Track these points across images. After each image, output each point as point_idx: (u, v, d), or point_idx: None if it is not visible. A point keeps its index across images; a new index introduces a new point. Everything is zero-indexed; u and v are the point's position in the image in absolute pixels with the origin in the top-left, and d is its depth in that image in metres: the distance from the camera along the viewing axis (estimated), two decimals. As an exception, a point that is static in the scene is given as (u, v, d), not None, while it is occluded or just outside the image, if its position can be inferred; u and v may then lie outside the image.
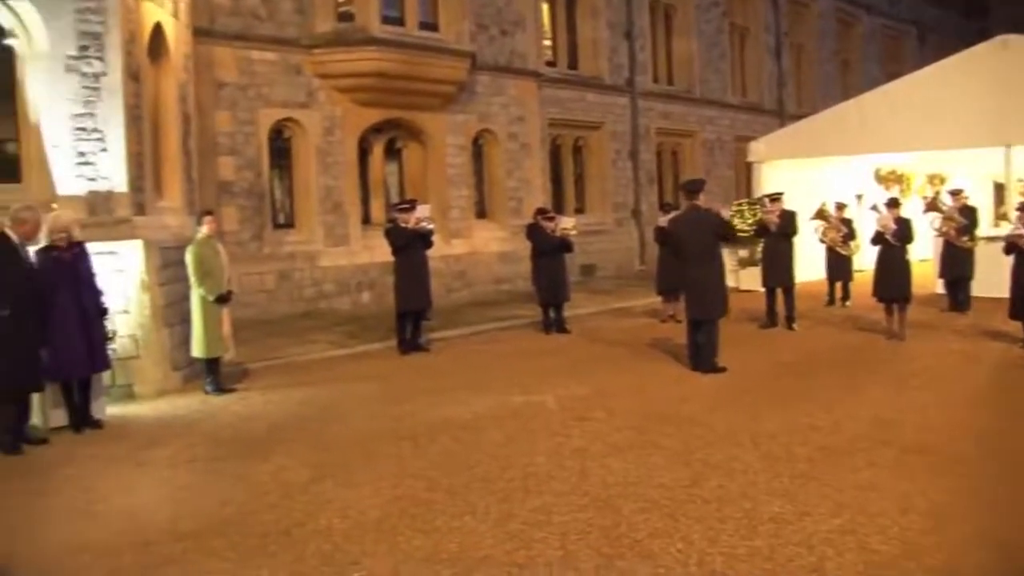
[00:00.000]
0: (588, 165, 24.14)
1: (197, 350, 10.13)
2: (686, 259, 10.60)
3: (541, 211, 14.62)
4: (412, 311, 12.64)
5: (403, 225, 12.44)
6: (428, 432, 8.10)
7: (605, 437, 7.72)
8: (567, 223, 14.31)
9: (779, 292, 13.69)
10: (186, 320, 10.41)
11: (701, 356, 10.39)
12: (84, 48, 10.04)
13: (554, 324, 13.99)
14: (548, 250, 13.83)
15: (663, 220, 14.21)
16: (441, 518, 5.87)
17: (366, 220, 18.51)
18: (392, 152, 19.60)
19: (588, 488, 6.37)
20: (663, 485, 6.37)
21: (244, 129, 16.34)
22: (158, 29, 11.52)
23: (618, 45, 24.36)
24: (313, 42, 17.09)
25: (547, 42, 23.17)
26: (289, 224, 17.45)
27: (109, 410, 9.19)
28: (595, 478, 6.60)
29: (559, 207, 21.11)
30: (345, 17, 17.42)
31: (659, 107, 25.74)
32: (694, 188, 10.71)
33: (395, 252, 12.49)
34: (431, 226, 12.76)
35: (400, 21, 17.83)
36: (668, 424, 8.08)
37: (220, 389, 10.12)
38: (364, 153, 18.70)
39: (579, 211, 22.84)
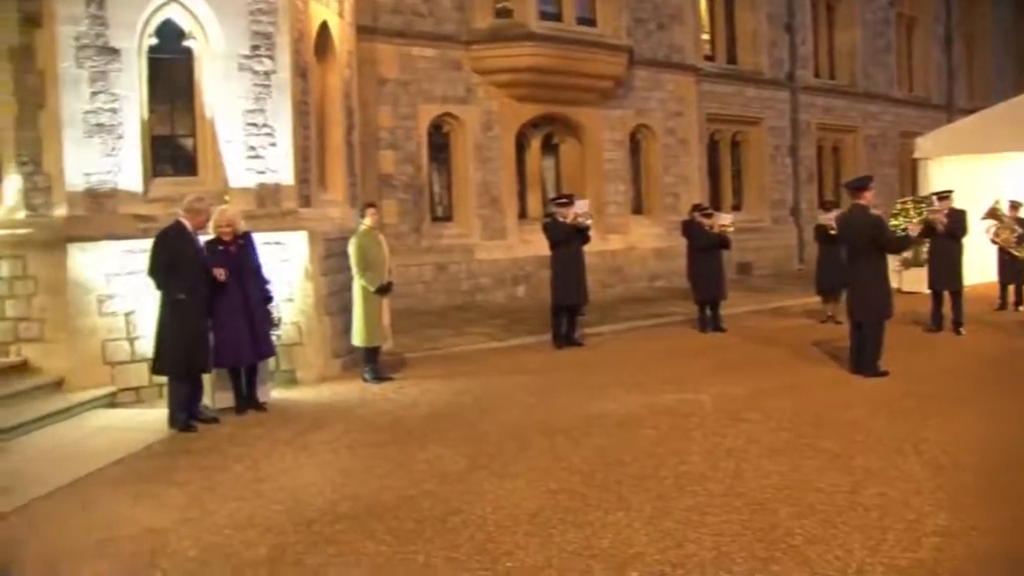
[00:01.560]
0: (746, 161, 23.67)
1: (357, 339, 10.40)
2: (848, 258, 10.27)
3: (698, 207, 14.40)
4: (568, 306, 12.65)
5: (561, 220, 12.46)
6: (582, 427, 8.10)
7: (760, 438, 7.55)
8: (725, 220, 14.06)
9: (946, 295, 13.08)
10: (347, 309, 10.71)
11: (862, 359, 10.03)
12: (256, 47, 10.45)
13: (710, 322, 13.77)
14: (705, 247, 13.62)
15: (824, 218, 13.82)
16: (594, 513, 5.86)
17: (522, 215, 18.65)
18: (549, 147, 19.68)
19: (743, 490, 6.25)
20: (820, 490, 6.19)
21: (404, 124, 16.71)
22: (324, 28, 11.87)
23: (778, 38, 23.79)
24: (472, 38, 17.32)
25: (705, 36, 22.81)
26: (447, 217, 17.75)
27: (273, 394, 9.58)
28: (750, 480, 6.47)
29: (716, 203, 20.75)
30: (503, 13, 17.58)
31: (820, 102, 25.01)
32: (858, 186, 10.33)
33: (553, 247, 12.52)
34: (589, 221, 12.74)
35: (558, 16, 17.87)
36: (826, 427, 7.83)
37: (378, 377, 10.38)
38: (521, 148, 18.84)
39: (736, 208, 22.46)
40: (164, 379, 8.79)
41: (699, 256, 13.70)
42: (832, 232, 12.66)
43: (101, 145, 9.72)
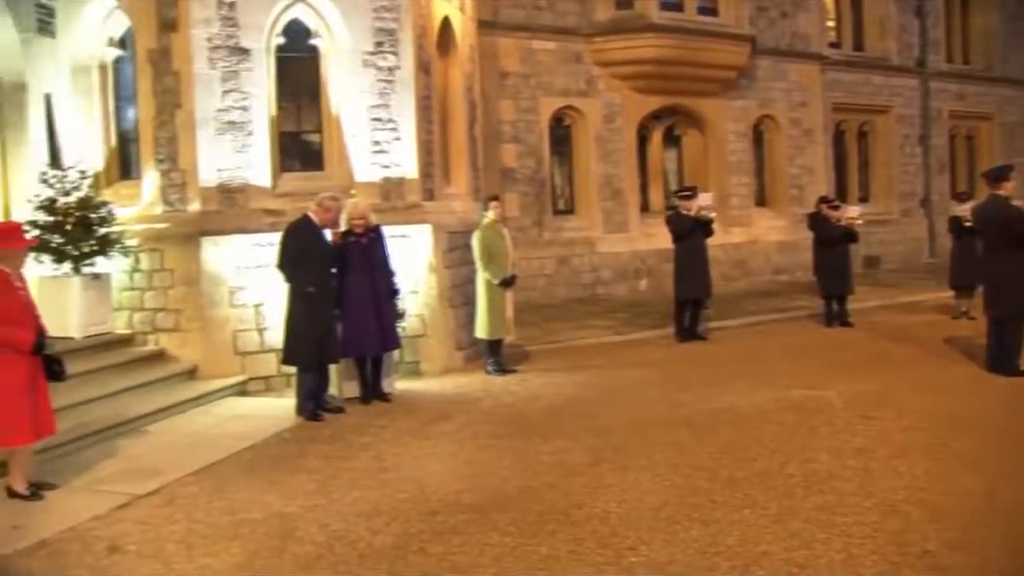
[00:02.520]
0: (873, 151, 22.96)
1: (481, 331, 10.47)
2: (985, 251, 9.86)
3: (825, 199, 14.04)
4: (691, 299, 12.50)
5: (685, 212, 12.32)
6: (706, 422, 7.99)
7: (891, 437, 7.30)
8: (852, 212, 13.67)
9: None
10: (470, 302, 10.81)
11: (1000, 357, 9.60)
12: (379, 44, 10.62)
13: (837, 317, 13.40)
14: (832, 240, 13.27)
15: (959, 209, 13.32)
16: (720, 510, 5.76)
17: (644, 207, 18.51)
18: (671, 139, 19.48)
19: (873, 490, 6.03)
20: (955, 493, 5.94)
21: (526, 117, 16.77)
22: (446, 23, 11.99)
23: (907, 23, 22.97)
24: (593, 30, 17.26)
25: (831, 22, 22.20)
26: (569, 210, 17.75)
27: (399, 384, 9.73)
28: (881, 480, 6.24)
29: (842, 195, 20.14)
30: (624, 4, 17.43)
31: (953, 88, 24.05)
32: (998, 175, 9.87)
33: (676, 240, 12.39)
34: (712, 214, 12.55)
35: (679, 7, 17.65)
36: (961, 428, 7.51)
37: (501, 370, 10.43)
38: (643, 140, 18.70)
39: (863, 200, 21.77)
40: (292, 369, 9.02)
41: (825, 250, 13.36)
42: (967, 224, 12.16)
43: (232, 142, 10.03)
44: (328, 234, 8.95)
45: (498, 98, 16.39)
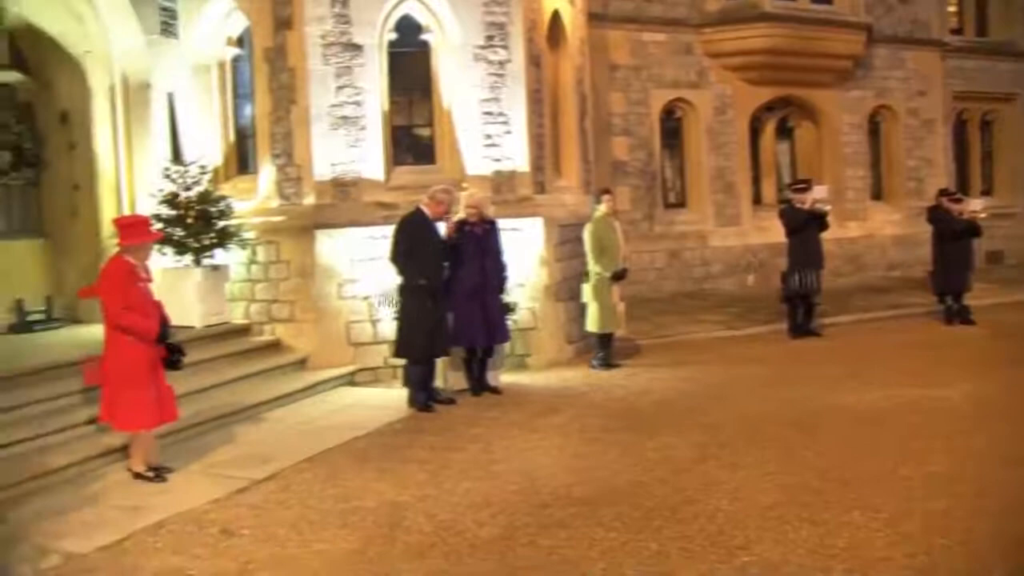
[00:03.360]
0: (997, 142, 22.05)
1: (591, 325, 10.42)
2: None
3: (945, 192, 13.57)
4: (803, 295, 12.24)
5: (799, 206, 12.07)
6: (817, 420, 7.82)
7: (1016, 442, 7.01)
8: (975, 205, 13.19)
9: None
10: (579, 295, 10.76)
11: None
12: (490, 38, 10.68)
13: (957, 314, 12.95)
14: (954, 235, 12.80)
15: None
16: (831, 510, 5.62)
17: (757, 200, 18.21)
18: (784, 131, 19.09)
19: (995, 494, 5.81)
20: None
21: (636, 110, 16.65)
22: (556, 16, 11.97)
23: (1036, 6, 22.01)
24: (703, 21, 17.01)
25: (952, 7, 21.38)
26: (680, 204, 17.55)
27: (506, 377, 9.77)
28: (1004, 485, 6.01)
29: (963, 188, 19.38)
30: (735, -6, 17.16)
31: (1087, 74, 22.95)
32: None
33: (789, 233, 12.13)
34: (827, 207, 12.27)
35: (792, -5, 17.27)
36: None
37: (610, 364, 10.39)
38: (755, 132, 18.38)
39: (985, 192, 20.93)
40: (401, 361, 9.13)
41: (946, 244, 12.90)
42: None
43: (346, 137, 10.21)
44: (442, 226, 9.03)
45: (608, 91, 16.30)
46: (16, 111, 11.02)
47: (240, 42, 11.23)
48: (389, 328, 9.70)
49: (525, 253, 10.50)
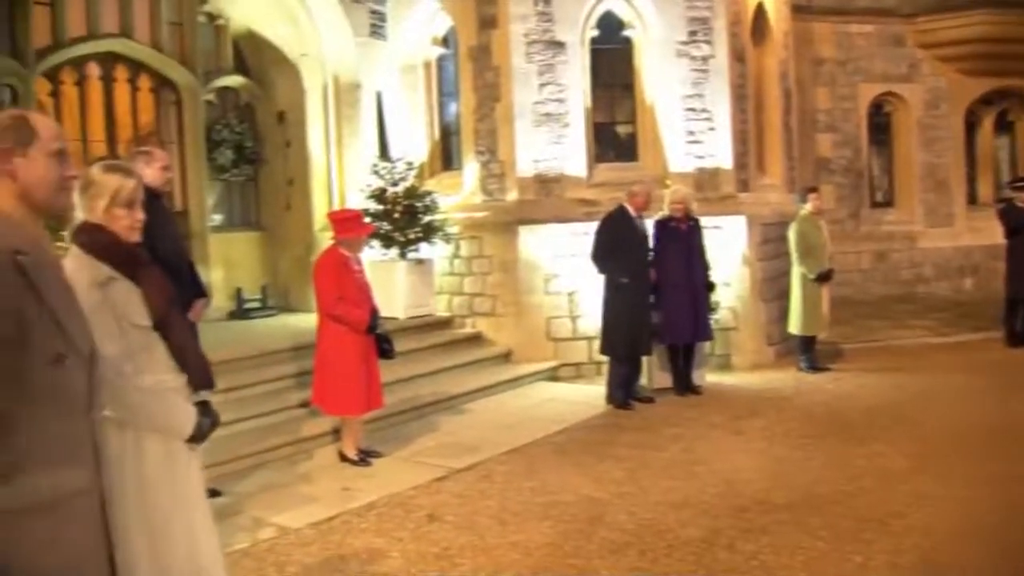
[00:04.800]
0: None
1: (794, 327, 10.15)
2: None
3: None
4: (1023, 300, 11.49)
5: (1020, 204, 11.34)
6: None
7: None
8: None
9: None
10: (782, 296, 10.51)
11: None
12: (693, 33, 10.56)
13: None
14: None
15: None
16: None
17: (972, 200, 17.20)
18: (1003, 125, 17.96)
19: None
20: None
21: (843, 105, 16.07)
22: (760, 9, 11.72)
23: None
24: (914, 10, 16.19)
25: None
26: (887, 203, 16.81)
27: (708, 378, 9.63)
28: None
29: None
30: (951, -19, 16.26)
31: None
32: None
33: (1008, 234, 11.41)
34: (1052, 206, 11.48)
35: (1014, -21, 16.23)
36: None
37: (814, 367, 10.07)
38: (971, 127, 17.38)
39: None
40: (603, 357, 9.14)
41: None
42: None
43: (548, 133, 10.31)
44: (649, 223, 8.99)
45: (813, 85, 15.80)
46: (238, 112, 11.71)
47: (445, 42, 11.54)
48: (589, 324, 9.72)
49: (727, 252, 10.32)
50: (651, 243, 8.98)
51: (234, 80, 11.63)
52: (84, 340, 2.46)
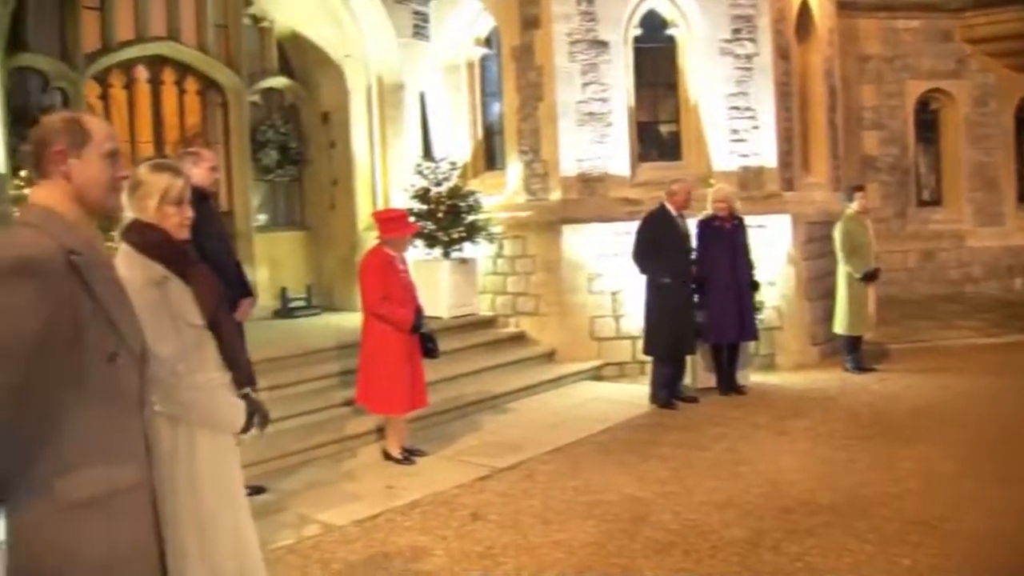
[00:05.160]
0: None
1: (839, 326, 10.06)
2: None
3: None
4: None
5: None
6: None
7: None
8: None
9: None
10: (827, 295, 10.42)
11: None
12: (736, 31, 10.51)
13: None
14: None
15: None
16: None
17: (1021, 199, 16.94)
18: (1055, 122, 17.70)
19: None
20: None
21: (889, 102, 15.88)
22: (804, 7, 11.64)
23: None
24: (963, 5, 15.94)
25: None
26: (935, 201, 16.59)
27: (752, 378, 9.57)
28: None
29: None
30: (1001, -27, 16.01)
31: None
32: None
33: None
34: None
35: (1067, -28, 15.95)
36: None
37: (860, 367, 9.98)
38: (1020, 124, 17.10)
39: None
40: (647, 357, 9.12)
41: None
42: None
43: (591, 133, 10.31)
44: (692, 221, 8.96)
45: (859, 83, 15.63)
46: (283, 113, 11.83)
47: (488, 42, 11.58)
48: (633, 324, 9.71)
49: (772, 251, 10.26)
50: (693, 242, 8.95)
51: (279, 81, 11.75)
52: (135, 338, 2.51)
